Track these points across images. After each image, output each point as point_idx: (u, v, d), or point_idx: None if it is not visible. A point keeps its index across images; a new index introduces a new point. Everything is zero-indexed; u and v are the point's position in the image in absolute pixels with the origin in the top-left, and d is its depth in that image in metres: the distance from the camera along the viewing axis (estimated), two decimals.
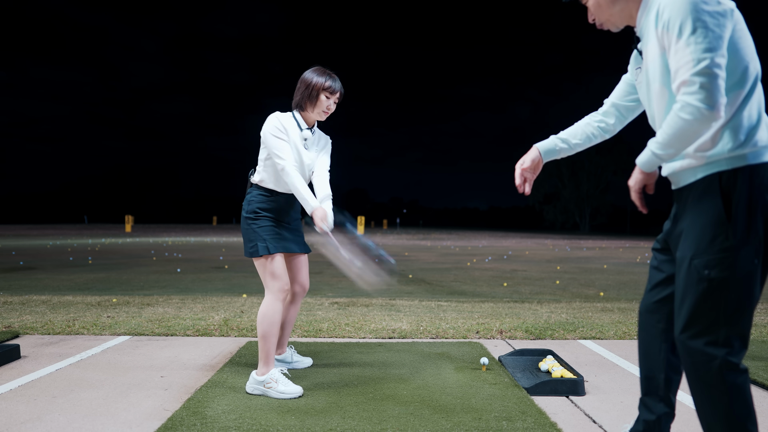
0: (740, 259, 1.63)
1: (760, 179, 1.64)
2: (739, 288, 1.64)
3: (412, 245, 24.38)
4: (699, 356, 1.69)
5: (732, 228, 1.63)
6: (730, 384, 1.66)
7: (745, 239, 1.63)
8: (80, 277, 9.34)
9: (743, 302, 1.65)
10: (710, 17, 1.58)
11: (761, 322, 5.07)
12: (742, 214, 1.63)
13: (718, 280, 1.65)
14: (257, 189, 3.03)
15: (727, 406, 1.67)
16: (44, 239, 25.97)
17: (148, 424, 2.42)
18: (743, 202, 1.63)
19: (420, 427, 2.39)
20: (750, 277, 1.64)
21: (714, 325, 1.67)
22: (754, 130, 1.66)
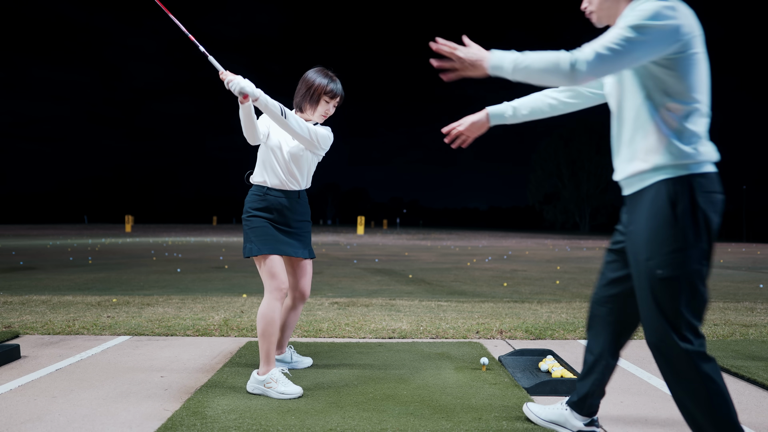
0: (688, 259, 1.79)
1: (702, 188, 1.82)
2: (689, 285, 1.80)
3: (412, 245, 24.37)
4: (668, 351, 1.83)
5: (680, 231, 1.80)
6: (702, 372, 1.80)
7: (692, 242, 1.79)
8: (80, 277, 9.34)
9: (694, 298, 1.81)
10: (651, 28, 1.74)
11: (761, 322, 5.07)
12: (687, 219, 1.80)
13: (670, 279, 1.81)
14: (252, 188, 3.04)
15: (704, 394, 1.80)
16: (44, 239, 25.97)
17: (148, 424, 2.42)
18: (688, 207, 1.80)
19: (420, 427, 2.39)
20: (698, 276, 1.81)
21: (673, 321, 1.82)
22: (697, 143, 1.83)
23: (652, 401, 2.81)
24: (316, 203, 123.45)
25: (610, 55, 1.74)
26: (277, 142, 2.97)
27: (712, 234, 1.83)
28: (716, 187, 1.85)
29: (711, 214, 1.81)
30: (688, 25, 1.79)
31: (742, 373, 3.23)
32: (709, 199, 1.81)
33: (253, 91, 2.72)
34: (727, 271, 12.63)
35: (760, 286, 9.02)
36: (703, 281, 1.82)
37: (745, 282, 9.87)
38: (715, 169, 1.87)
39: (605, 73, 1.78)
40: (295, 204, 3.05)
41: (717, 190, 1.85)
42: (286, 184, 3.01)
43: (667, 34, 1.75)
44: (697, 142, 1.83)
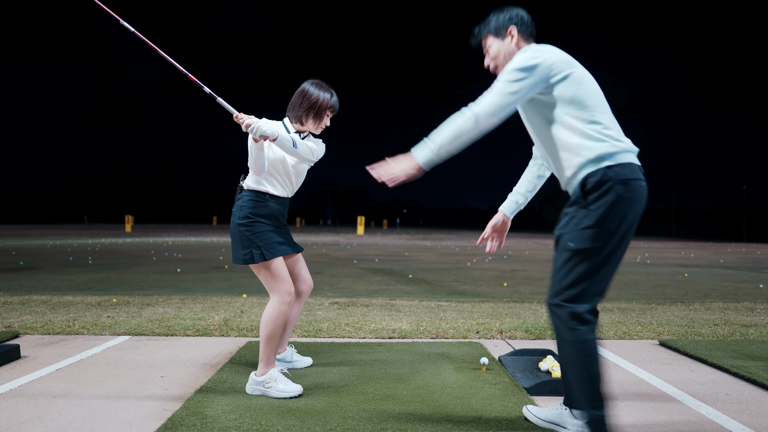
0: (594, 237, 2.11)
1: (618, 176, 2.12)
2: (591, 259, 2.12)
3: (412, 245, 24.38)
4: (557, 310, 2.17)
5: (590, 213, 2.13)
6: (576, 337, 2.13)
7: (598, 223, 2.11)
8: (80, 277, 9.34)
9: (594, 270, 2.13)
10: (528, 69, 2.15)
11: (761, 322, 5.07)
12: (596, 204, 2.13)
13: (576, 251, 2.14)
14: (249, 194, 2.98)
15: (573, 354, 2.14)
16: (44, 239, 25.97)
17: (148, 424, 2.42)
18: (599, 193, 2.12)
19: (420, 427, 2.39)
20: (600, 252, 2.12)
21: (571, 286, 2.15)
22: (606, 140, 2.16)
23: (652, 401, 2.81)
24: (316, 203, 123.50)
25: (502, 99, 2.15)
26: (281, 156, 2.99)
27: (627, 218, 2.12)
28: (634, 175, 2.15)
29: (626, 200, 2.11)
30: (555, 59, 2.18)
31: (742, 373, 3.23)
32: (625, 186, 2.11)
33: (272, 132, 2.75)
34: (727, 271, 12.63)
35: (760, 286, 9.02)
36: (607, 259, 2.13)
37: (745, 282, 9.87)
38: (632, 160, 2.17)
39: (504, 115, 2.17)
40: (285, 208, 3.12)
41: (635, 177, 2.15)
42: (284, 192, 3.06)
43: (540, 70, 2.15)
44: (605, 139, 2.16)
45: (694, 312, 5.71)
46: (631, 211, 2.13)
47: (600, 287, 2.16)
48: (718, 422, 2.50)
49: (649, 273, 11.56)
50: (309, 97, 3.02)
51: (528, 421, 2.46)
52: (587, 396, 2.13)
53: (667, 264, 14.68)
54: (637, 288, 8.58)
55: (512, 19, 2.41)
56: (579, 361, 2.13)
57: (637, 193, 2.15)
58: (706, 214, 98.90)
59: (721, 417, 2.57)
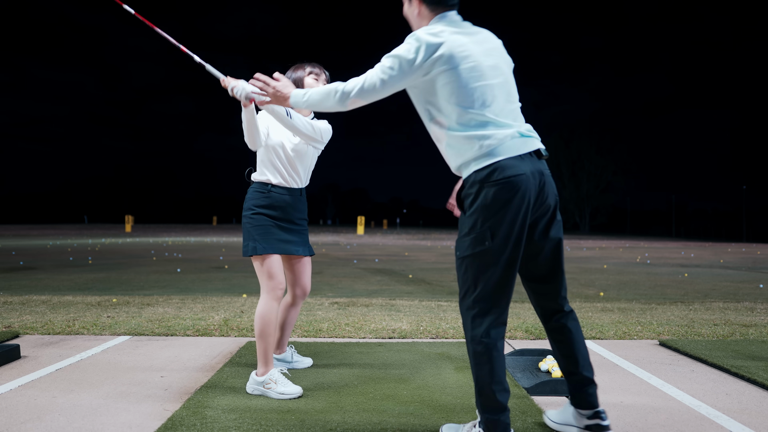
0: (467, 244, 2.09)
1: (490, 178, 2.03)
2: (470, 266, 2.09)
3: (412, 245, 24.37)
4: (463, 318, 2.15)
5: (466, 220, 2.11)
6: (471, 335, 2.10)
7: (469, 230, 2.08)
8: (80, 277, 9.34)
9: (477, 277, 2.08)
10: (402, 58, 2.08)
11: (761, 322, 5.07)
12: (469, 211, 2.10)
13: (458, 260, 2.14)
14: (254, 185, 3.00)
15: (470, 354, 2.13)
16: (44, 239, 25.97)
17: (148, 424, 2.42)
18: (469, 201, 2.10)
19: (420, 427, 2.39)
20: (477, 258, 2.06)
21: (464, 293, 2.14)
22: (481, 141, 2.06)
23: (652, 401, 2.81)
24: (316, 203, 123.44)
25: (369, 87, 2.14)
26: (279, 141, 2.96)
27: (504, 220, 2.02)
28: (507, 173, 2.02)
29: (500, 201, 2.02)
30: (439, 46, 2.05)
31: (742, 373, 3.23)
32: (499, 187, 2.02)
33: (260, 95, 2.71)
34: (727, 271, 12.63)
35: (760, 286, 9.02)
36: (483, 264, 2.05)
37: (745, 282, 9.87)
38: (506, 155, 2.03)
39: (368, 100, 2.17)
40: (298, 201, 3.05)
41: (508, 176, 2.02)
42: (289, 181, 3.00)
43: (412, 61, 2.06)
44: (480, 139, 2.05)
45: (694, 312, 5.71)
46: (499, 213, 2.02)
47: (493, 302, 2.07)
48: (718, 422, 2.50)
49: (649, 273, 11.56)
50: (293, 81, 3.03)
51: (529, 419, 2.46)
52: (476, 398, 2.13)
53: (667, 264, 14.68)
54: (637, 288, 8.58)
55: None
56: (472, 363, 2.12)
57: (512, 191, 2.01)
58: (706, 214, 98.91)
59: (721, 417, 2.57)
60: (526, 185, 2.03)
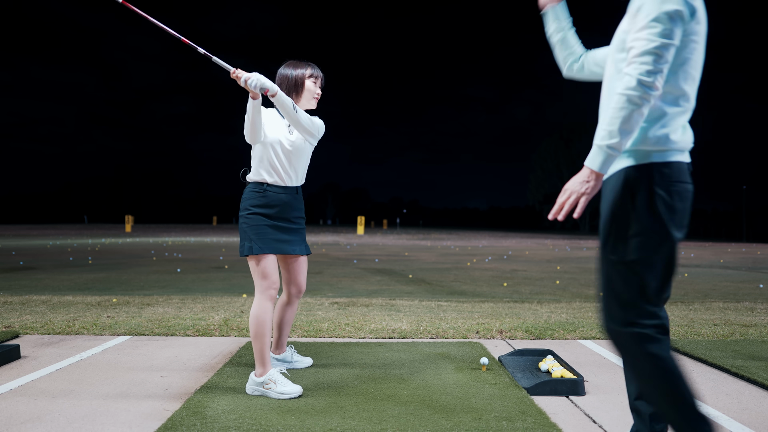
0: (643, 247, 1.77)
1: (662, 177, 1.78)
2: (642, 272, 1.78)
3: (412, 245, 24.37)
4: (617, 336, 1.83)
5: (636, 219, 1.78)
6: (647, 352, 1.77)
7: (645, 230, 1.77)
8: (80, 277, 9.34)
9: (648, 285, 1.78)
10: (675, 14, 1.69)
11: (761, 322, 5.07)
12: (643, 208, 1.78)
13: (624, 264, 1.79)
14: (250, 185, 3.00)
15: (651, 373, 1.78)
16: (44, 239, 25.97)
17: (148, 424, 2.42)
18: (644, 196, 1.78)
19: (420, 427, 2.39)
20: (652, 264, 1.78)
21: (622, 306, 1.80)
22: (669, 131, 1.78)
23: None
24: (316, 203, 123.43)
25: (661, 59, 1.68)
26: (276, 138, 2.96)
27: (675, 223, 1.78)
28: (681, 177, 1.80)
29: (673, 204, 1.78)
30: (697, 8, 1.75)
31: (742, 373, 3.23)
32: (671, 188, 1.78)
33: (272, 86, 2.76)
34: (727, 271, 12.62)
35: (760, 286, 9.02)
36: (657, 269, 1.79)
37: (745, 282, 9.87)
38: (684, 158, 1.81)
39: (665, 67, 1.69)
40: (294, 200, 3.05)
41: (682, 180, 1.80)
42: (285, 179, 3.00)
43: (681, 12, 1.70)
44: (669, 129, 1.78)
45: (694, 312, 5.71)
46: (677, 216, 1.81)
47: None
48: (718, 422, 2.50)
49: None
50: (285, 77, 3.05)
51: (529, 419, 2.46)
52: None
53: None
54: None
55: None
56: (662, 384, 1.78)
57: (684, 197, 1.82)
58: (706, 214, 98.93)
59: (721, 417, 2.57)
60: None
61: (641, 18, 1.73)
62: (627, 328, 1.80)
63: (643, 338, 1.78)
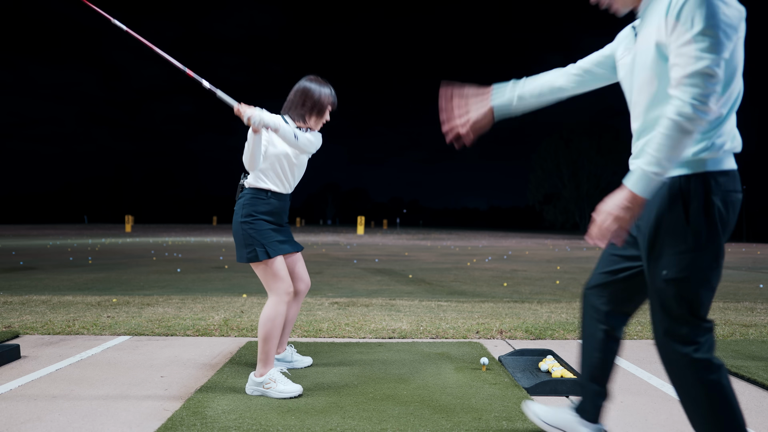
0: (697, 262, 1.69)
1: (720, 187, 1.69)
2: (696, 288, 1.70)
3: (412, 245, 24.37)
4: (671, 356, 1.75)
5: (691, 232, 1.69)
6: (705, 380, 1.70)
7: (702, 243, 1.69)
8: (80, 277, 9.34)
9: (700, 302, 1.71)
10: (724, 23, 1.57)
11: (761, 322, 5.07)
12: (701, 220, 1.68)
13: (677, 281, 1.71)
14: (251, 192, 2.99)
15: (706, 402, 1.71)
16: (44, 239, 25.97)
17: (148, 424, 2.42)
18: (701, 208, 1.68)
19: (420, 427, 2.39)
20: (706, 279, 1.71)
21: (678, 325, 1.73)
22: (721, 136, 1.69)
23: (652, 401, 2.81)
24: (316, 203, 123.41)
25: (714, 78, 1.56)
26: (284, 151, 3.01)
27: (726, 235, 1.72)
28: (735, 186, 1.71)
29: (727, 215, 1.70)
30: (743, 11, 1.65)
31: (742, 373, 3.23)
32: (726, 198, 1.69)
33: (274, 123, 2.76)
34: (727, 271, 12.62)
35: (760, 286, 9.02)
36: (711, 284, 1.72)
37: (745, 282, 9.87)
38: (735, 165, 1.72)
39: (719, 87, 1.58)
40: (286, 204, 3.13)
41: (736, 189, 1.71)
42: (286, 188, 3.08)
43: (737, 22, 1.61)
44: (721, 134, 1.68)
45: None
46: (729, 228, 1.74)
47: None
48: None
49: None
50: (312, 95, 3.03)
51: (527, 419, 2.46)
52: None
53: None
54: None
55: None
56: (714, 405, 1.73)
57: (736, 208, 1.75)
58: None
59: None
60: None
61: (685, 28, 1.59)
62: (685, 348, 1.72)
63: (702, 365, 1.70)
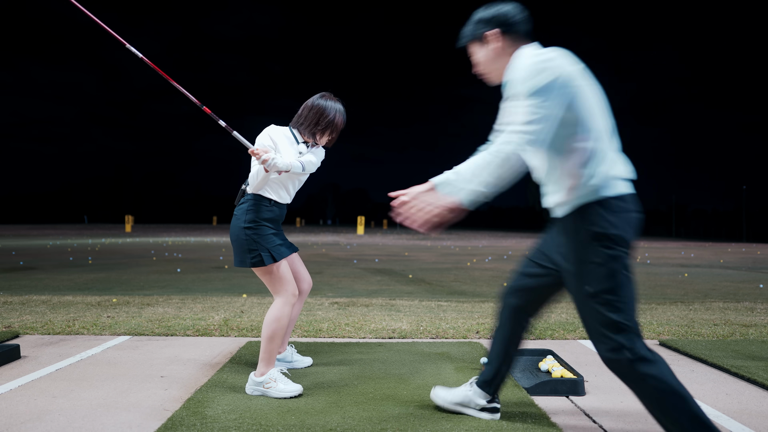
0: (609, 274, 1.93)
1: (612, 209, 1.96)
2: (610, 299, 1.93)
3: (412, 245, 24.37)
4: (611, 363, 1.95)
5: (594, 251, 1.96)
6: (645, 374, 1.89)
7: (608, 258, 1.94)
8: (80, 277, 9.34)
9: (619, 309, 1.93)
10: (541, 91, 1.91)
11: (761, 322, 5.07)
12: (600, 240, 1.95)
13: (595, 293, 1.95)
14: (254, 198, 2.98)
15: (654, 395, 1.90)
16: (44, 239, 25.97)
17: (148, 424, 2.42)
18: (599, 230, 1.96)
19: (420, 427, 2.39)
20: (616, 289, 1.94)
21: (606, 332, 1.94)
22: (603, 168, 1.98)
23: None
24: (316, 203, 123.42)
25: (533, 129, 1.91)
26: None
27: (627, 248, 1.96)
28: (628, 207, 1.99)
29: (622, 232, 1.95)
30: (563, 69, 1.95)
31: (742, 373, 3.23)
32: (619, 218, 1.96)
33: (287, 166, 2.85)
34: (727, 271, 12.63)
35: (760, 286, 9.02)
36: (622, 292, 1.94)
37: (745, 282, 9.87)
38: (627, 189, 2.00)
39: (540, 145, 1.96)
40: (285, 212, 3.17)
41: (629, 210, 1.99)
42: (287, 199, 3.12)
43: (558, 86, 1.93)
44: (603, 166, 1.98)
45: (694, 312, 5.71)
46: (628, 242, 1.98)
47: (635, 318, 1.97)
48: (718, 422, 2.50)
49: (649, 273, 11.56)
50: (327, 115, 3.04)
51: (526, 419, 2.46)
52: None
53: (667, 264, 14.68)
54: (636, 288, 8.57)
55: (494, 20, 2.13)
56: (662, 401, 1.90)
57: (632, 225, 2.00)
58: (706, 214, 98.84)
59: (721, 417, 2.58)
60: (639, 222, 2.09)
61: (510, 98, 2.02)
62: (620, 353, 1.92)
63: (639, 363, 1.90)
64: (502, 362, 2.42)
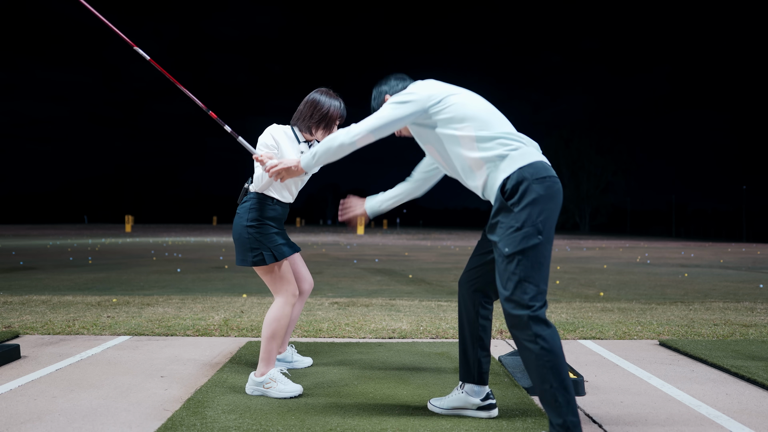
0: (524, 238, 2.16)
1: (530, 175, 2.21)
2: (528, 259, 2.16)
3: (412, 245, 24.37)
4: (511, 318, 2.18)
5: (514, 217, 2.20)
6: (535, 333, 2.13)
7: (524, 223, 2.17)
8: (80, 277, 9.34)
9: (533, 269, 2.16)
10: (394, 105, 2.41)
11: (761, 322, 5.07)
12: (517, 204, 2.20)
13: (511, 255, 2.18)
14: (257, 197, 2.97)
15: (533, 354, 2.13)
16: (44, 239, 25.97)
17: (148, 424, 2.42)
18: (517, 195, 2.21)
19: (420, 427, 2.39)
20: (534, 251, 2.16)
21: (515, 291, 2.17)
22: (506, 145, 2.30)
23: (652, 401, 2.81)
24: (316, 203, 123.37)
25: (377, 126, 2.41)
26: None
27: (545, 213, 2.19)
28: (547, 173, 2.24)
29: (538, 195, 2.18)
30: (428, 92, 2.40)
31: (742, 373, 3.23)
32: (536, 183, 2.20)
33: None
34: (727, 271, 12.62)
35: (760, 286, 9.02)
36: (540, 254, 2.17)
37: (745, 282, 9.87)
38: (537, 159, 2.26)
39: (378, 137, 2.45)
40: (287, 212, 3.15)
41: (548, 175, 2.23)
42: (289, 198, 3.11)
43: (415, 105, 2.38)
44: (505, 144, 2.29)
45: (694, 312, 5.71)
46: (550, 207, 2.22)
47: (543, 287, 2.19)
48: (718, 422, 2.50)
49: (649, 273, 11.56)
50: (320, 108, 3.03)
51: (526, 419, 2.46)
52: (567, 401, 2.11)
53: (667, 264, 14.68)
54: (637, 288, 8.58)
55: (384, 91, 2.71)
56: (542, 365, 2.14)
57: (554, 190, 2.23)
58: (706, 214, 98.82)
59: (721, 417, 2.57)
60: (560, 187, 2.34)
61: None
62: (524, 310, 2.15)
63: (537, 322, 2.13)
64: (473, 347, 2.52)
